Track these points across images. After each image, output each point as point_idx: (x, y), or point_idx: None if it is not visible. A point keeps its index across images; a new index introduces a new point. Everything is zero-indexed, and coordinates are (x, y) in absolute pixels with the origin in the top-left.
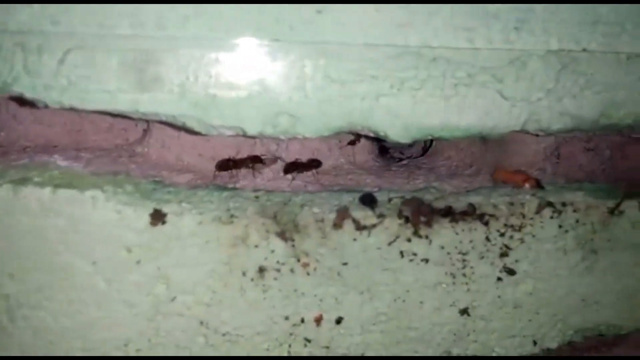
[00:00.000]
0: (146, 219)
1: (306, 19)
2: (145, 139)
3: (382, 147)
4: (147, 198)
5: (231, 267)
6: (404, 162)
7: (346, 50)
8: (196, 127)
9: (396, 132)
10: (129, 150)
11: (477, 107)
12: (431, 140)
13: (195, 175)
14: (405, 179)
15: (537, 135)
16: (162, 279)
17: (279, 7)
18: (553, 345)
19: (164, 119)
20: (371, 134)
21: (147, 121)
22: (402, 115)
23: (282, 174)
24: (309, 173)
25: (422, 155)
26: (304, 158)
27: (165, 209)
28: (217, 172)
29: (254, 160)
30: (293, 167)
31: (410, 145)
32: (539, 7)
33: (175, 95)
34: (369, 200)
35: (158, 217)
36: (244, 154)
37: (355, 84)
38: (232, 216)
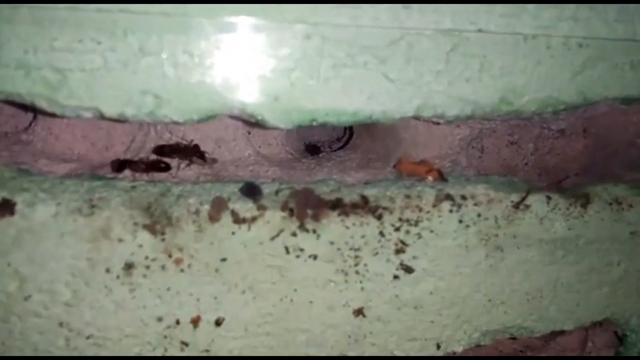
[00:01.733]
0: None
1: None
2: (31, 126)
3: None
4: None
5: (93, 263)
6: (321, 155)
7: (208, 25)
8: (47, 108)
9: (275, 116)
10: (13, 138)
11: (361, 90)
12: (351, 132)
13: (80, 164)
14: (308, 172)
15: (457, 125)
16: (14, 276)
17: None
18: (458, 348)
19: (4, 97)
20: (250, 119)
21: (35, 108)
22: (280, 98)
23: (174, 163)
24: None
25: (342, 147)
26: (204, 147)
27: (17, 198)
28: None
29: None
30: (165, 150)
31: (339, 139)
32: None
33: (12, 70)
34: (250, 191)
35: (5, 207)
36: (138, 143)
37: (218, 62)
38: (93, 207)
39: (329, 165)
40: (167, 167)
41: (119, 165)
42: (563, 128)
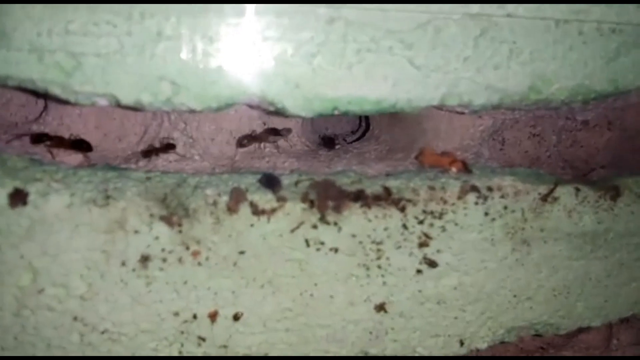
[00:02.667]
0: (4, 199)
1: None
2: (42, 117)
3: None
4: (11, 176)
5: (108, 255)
6: (337, 147)
7: (229, 7)
8: (61, 94)
9: (296, 104)
10: (23, 129)
11: (385, 77)
12: (367, 124)
13: (93, 156)
14: (326, 163)
15: (479, 116)
16: (27, 268)
17: None
18: (483, 345)
19: (16, 83)
20: (270, 107)
21: (45, 97)
22: (301, 85)
23: (189, 154)
24: (219, 155)
25: (358, 139)
26: (218, 139)
27: (29, 188)
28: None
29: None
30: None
31: (353, 132)
32: None
33: (25, 53)
34: (269, 182)
35: (18, 197)
36: (151, 133)
37: (238, 47)
38: (108, 197)
39: (347, 157)
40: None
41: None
42: (587, 119)
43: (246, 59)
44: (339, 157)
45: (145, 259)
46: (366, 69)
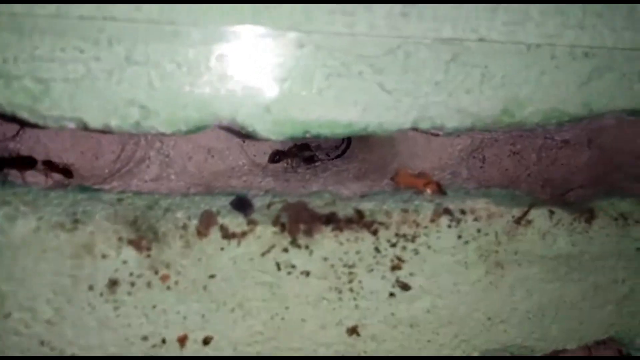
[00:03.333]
0: None
1: None
2: (19, 134)
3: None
4: None
5: (76, 280)
6: (317, 164)
7: (197, 31)
8: (29, 119)
9: (267, 127)
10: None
11: (356, 102)
12: (349, 141)
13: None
14: (302, 183)
15: (457, 135)
16: None
17: None
18: None
19: None
20: (241, 130)
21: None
22: (272, 109)
23: (165, 173)
24: (195, 174)
25: (340, 155)
26: (196, 157)
27: None
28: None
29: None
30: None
31: (337, 147)
32: None
33: None
34: (240, 205)
35: None
36: (128, 152)
37: (207, 71)
38: (76, 222)
39: (324, 175)
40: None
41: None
42: (567, 139)
43: (215, 82)
44: (317, 176)
45: (113, 284)
46: (336, 93)
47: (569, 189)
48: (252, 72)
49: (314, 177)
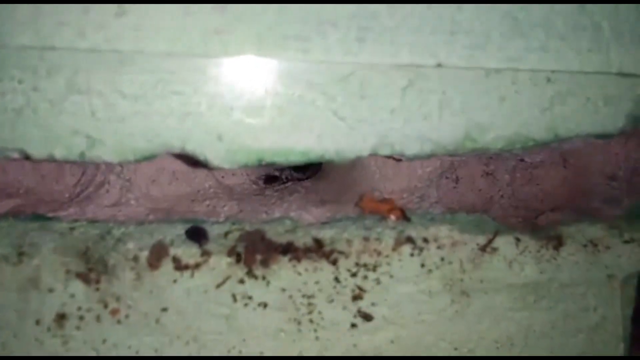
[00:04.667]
0: None
1: (100, 22)
2: None
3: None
4: None
5: (22, 314)
6: (287, 184)
7: (143, 59)
8: None
9: (219, 156)
10: None
11: (310, 129)
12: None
13: (26, 200)
14: (266, 207)
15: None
16: None
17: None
18: None
19: None
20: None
21: None
22: (224, 138)
23: (125, 198)
24: (158, 198)
25: (311, 176)
26: (160, 179)
27: None
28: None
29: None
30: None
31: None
32: (385, 13)
33: None
34: (196, 234)
35: None
36: (88, 176)
37: (155, 100)
38: (21, 254)
39: (290, 199)
40: None
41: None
42: (541, 160)
43: (163, 111)
44: (282, 200)
45: (61, 318)
46: (290, 121)
47: (542, 210)
48: (201, 100)
49: (279, 201)
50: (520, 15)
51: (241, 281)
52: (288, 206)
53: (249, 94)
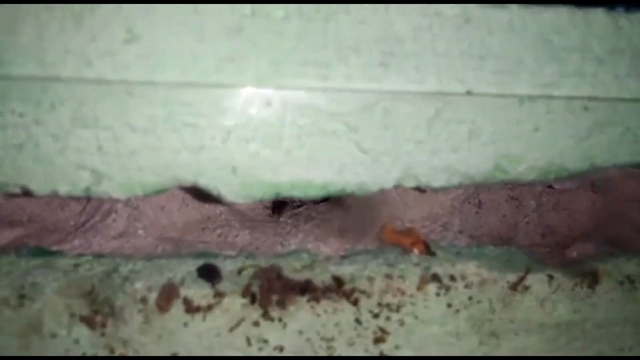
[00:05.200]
0: None
1: (108, 49)
2: None
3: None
4: None
5: None
6: (302, 209)
7: (153, 90)
8: None
9: (233, 190)
10: None
11: (331, 161)
12: None
13: (30, 228)
14: (281, 237)
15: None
16: None
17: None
18: None
19: None
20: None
21: None
22: (238, 171)
23: (132, 227)
24: (167, 226)
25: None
26: (169, 206)
27: None
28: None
29: None
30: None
31: None
32: (410, 38)
33: None
34: (208, 273)
35: None
36: (94, 203)
37: (166, 133)
38: (22, 297)
39: (306, 227)
40: None
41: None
42: (568, 186)
43: (174, 143)
44: (297, 228)
45: None
46: (308, 153)
47: (571, 239)
48: (216, 133)
49: (294, 229)
50: (555, 39)
51: (256, 323)
52: (304, 236)
53: (266, 125)
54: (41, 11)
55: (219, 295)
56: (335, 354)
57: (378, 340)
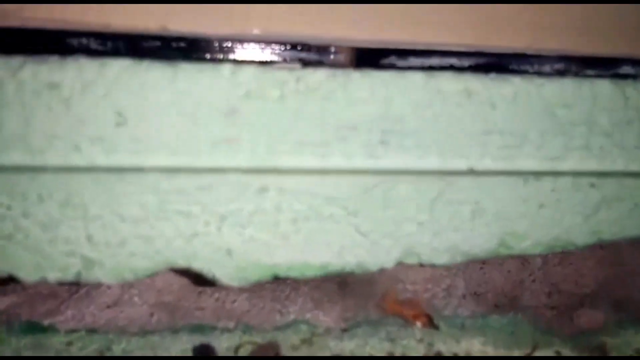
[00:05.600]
0: None
1: (99, 134)
2: None
3: None
4: None
5: None
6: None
7: (143, 177)
8: None
9: (228, 272)
10: None
11: (329, 244)
12: None
13: (23, 296)
14: (279, 304)
15: None
16: None
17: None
18: None
19: None
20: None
21: None
22: (234, 254)
23: (127, 294)
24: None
25: None
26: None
27: None
28: None
29: None
30: None
31: None
32: (411, 115)
33: None
34: (204, 354)
35: None
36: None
37: (157, 222)
38: None
39: (306, 290)
40: None
41: None
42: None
43: (166, 229)
44: (297, 292)
45: None
46: (305, 236)
47: (578, 298)
48: (210, 219)
49: (293, 293)
50: (560, 112)
51: None
52: (303, 302)
53: (261, 211)
54: (28, 97)
55: None
56: None
57: None
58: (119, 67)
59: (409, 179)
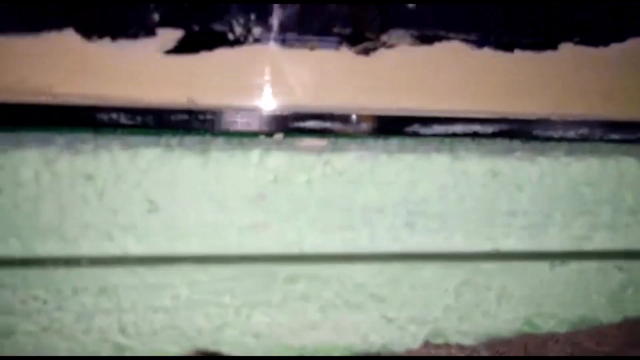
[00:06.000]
0: None
1: (131, 222)
2: None
3: None
4: None
5: None
6: None
7: (173, 268)
8: None
9: (255, 354)
10: None
11: (356, 329)
12: None
13: None
14: None
15: None
16: None
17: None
18: None
19: None
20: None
21: None
22: (261, 336)
23: None
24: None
25: None
26: None
27: None
28: None
29: None
30: None
31: None
32: (435, 197)
33: None
34: None
35: None
36: None
37: (188, 312)
38: None
39: None
40: None
41: None
42: None
43: (198, 322)
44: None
45: None
46: (333, 322)
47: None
48: (238, 306)
49: None
50: (586, 191)
51: None
52: None
53: (290, 298)
54: (64, 189)
55: None
56: None
57: None
58: (152, 156)
59: (434, 261)
